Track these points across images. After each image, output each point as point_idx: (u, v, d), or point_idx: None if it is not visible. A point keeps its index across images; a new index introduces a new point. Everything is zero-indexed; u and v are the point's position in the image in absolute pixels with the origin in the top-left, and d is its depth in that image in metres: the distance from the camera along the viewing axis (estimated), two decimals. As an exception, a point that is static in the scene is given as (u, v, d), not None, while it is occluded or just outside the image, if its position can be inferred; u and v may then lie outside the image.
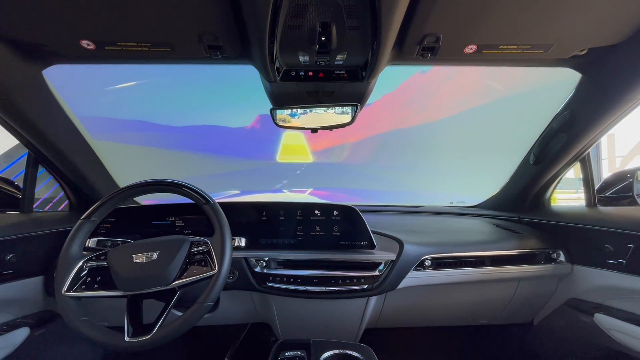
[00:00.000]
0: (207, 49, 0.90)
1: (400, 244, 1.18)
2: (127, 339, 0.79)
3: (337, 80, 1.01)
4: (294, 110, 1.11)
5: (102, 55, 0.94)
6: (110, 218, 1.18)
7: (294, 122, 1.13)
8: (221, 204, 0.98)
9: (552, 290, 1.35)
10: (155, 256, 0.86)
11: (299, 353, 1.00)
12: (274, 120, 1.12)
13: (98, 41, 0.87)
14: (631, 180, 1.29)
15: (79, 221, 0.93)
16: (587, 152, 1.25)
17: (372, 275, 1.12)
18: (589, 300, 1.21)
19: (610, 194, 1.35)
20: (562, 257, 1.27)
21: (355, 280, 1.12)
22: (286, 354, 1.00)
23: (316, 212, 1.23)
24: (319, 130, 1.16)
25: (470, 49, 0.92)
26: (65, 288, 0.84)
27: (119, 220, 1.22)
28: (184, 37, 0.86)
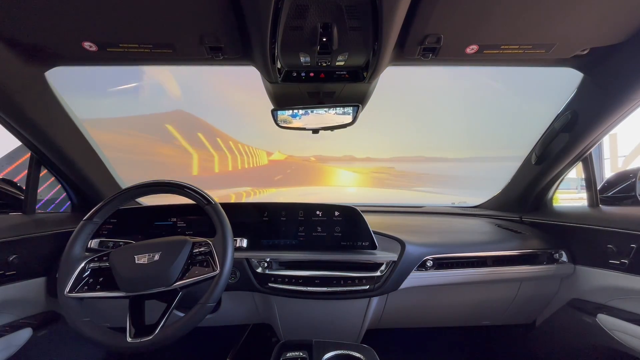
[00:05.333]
0: (208, 51, 0.90)
1: (402, 244, 1.18)
2: (129, 339, 0.79)
3: (338, 81, 1.01)
4: (295, 111, 1.11)
5: (104, 57, 0.94)
6: (113, 219, 1.19)
7: (295, 122, 1.13)
8: (223, 204, 0.98)
9: (555, 290, 1.34)
10: (157, 257, 0.87)
11: (301, 354, 1.00)
12: (275, 121, 1.12)
13: (100, 43, 0.87)
14: (634, 180, 1.29)
15: (82, 222, 0.94)
16: (589, 152, 1.25)
17: (374, 276, 1.12)
18: (591, 301, 1.21)
19: (613, 193, 1.34)
20: (564, 258, 1.27)
21: (357, 281, 1.11)
22: (288, 355, 1.00)
23: (317, 212, 1.23)
24: (320, 131, 1.17)
25: (472, 49, 0.92)
26: (67, 289, 0.84)
27: (121, 221, 1.23)
28: (185, 39, 0.87)
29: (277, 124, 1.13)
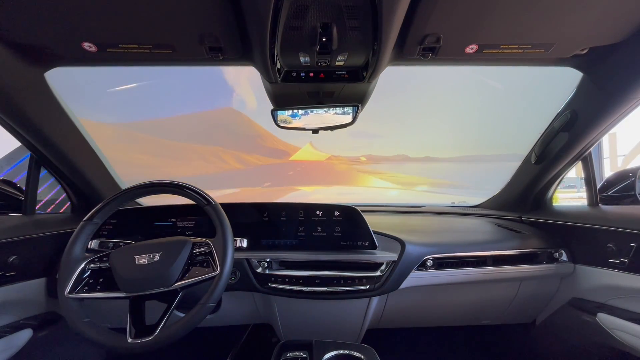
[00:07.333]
0: (208, 51, 0.90)
1: (402, 244, 1.18)
2: (129, 340, 0.79)
3: (338, 80, 1.01)
4: (295, 111, 1.11)
5: (104, 57, 0.94)
6: (113, 219, 1.19)
7: (295, 122, 1.13)
8: (223, 204, 0.98)
9: (555, 289, 1.34)
10: (157, 257, 0.87)
11: (301, 354, 1.00)
12: (275, 121, 1.12)
13: (100, 43, 0.87)
14: (633, 179, 1.29)
15: (82, 223, 0.93)
16: (588, 151, 1.25)
17: (374, 276, 1.12)
18: (591, 300, 1.21)
19: (612, 193, 1.34)
20: (564, 257, 1.27)
21: (357, 281, 1.12)
22: (288, 355, 1.00)
23: (317, 212, 1.23)
24: (320, 131, 1.17)
25: (471, 48, 0.92)
26: (67, 290, 0.84)
27: (121, 222, 1.23)
28: (185, 39, 0.87)
29: (277, 124, 1.13)
